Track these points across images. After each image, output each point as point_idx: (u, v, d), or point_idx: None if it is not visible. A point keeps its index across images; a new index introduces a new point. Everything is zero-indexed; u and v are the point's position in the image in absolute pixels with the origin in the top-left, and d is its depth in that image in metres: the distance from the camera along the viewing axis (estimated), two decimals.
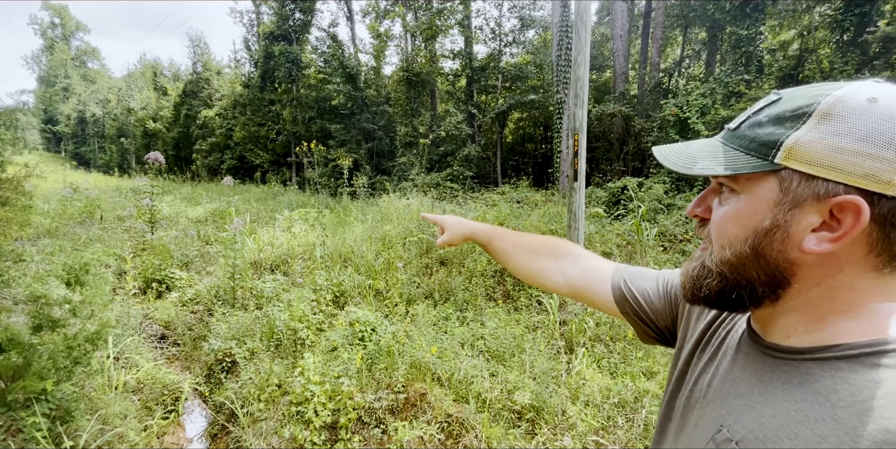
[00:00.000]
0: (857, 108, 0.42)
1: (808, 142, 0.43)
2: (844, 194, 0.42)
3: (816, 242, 0.44)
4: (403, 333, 3.33)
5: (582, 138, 5.23)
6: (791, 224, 0.45)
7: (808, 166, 0.43)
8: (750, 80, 9.78)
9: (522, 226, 5.58)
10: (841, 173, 0.42)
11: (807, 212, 0.44)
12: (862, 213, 0.41)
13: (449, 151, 14.26)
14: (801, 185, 0.44)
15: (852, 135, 0.41)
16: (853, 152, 0.41)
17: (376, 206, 7.69)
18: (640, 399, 2.69)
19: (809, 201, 0.44)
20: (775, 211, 0.46)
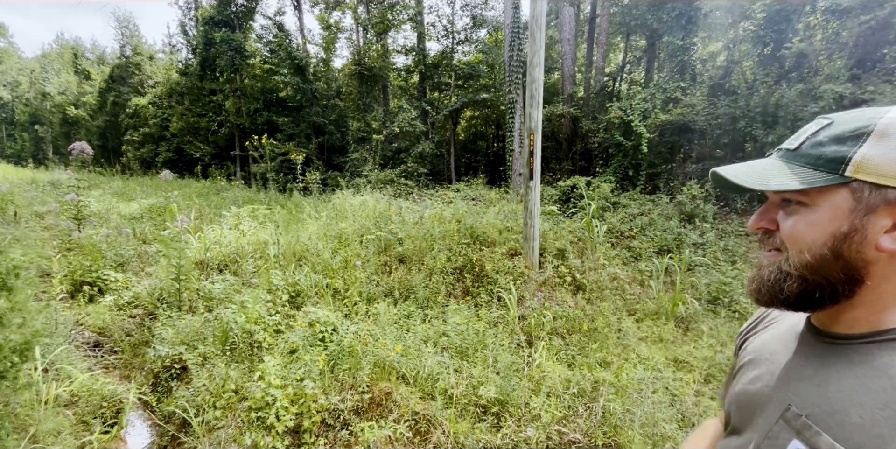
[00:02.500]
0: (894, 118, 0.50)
1: (873, 156, 0.50)
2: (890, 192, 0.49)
3: (891, 241, 0.50)
4: (367, 332, 3.28)
5: (537, 138, 5.39)
6: (867, 227, 0.51)
7: (876, 177, 0.50)
8: (685, 88, 10.50)
9: (480, 223, 5.66)
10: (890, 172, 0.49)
11: (879, 216, 0.51)
12: None
13: (403, 148, 14.15)
14: (872, 193, 0.51)
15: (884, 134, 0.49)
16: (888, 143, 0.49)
17: (330, 202, 7.49)
18: (598, 388, 2.83)
19: (882, 207, 0.50)
20: (851, 217, 0.52)
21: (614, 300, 4.43)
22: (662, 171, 9.75)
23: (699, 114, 9.06)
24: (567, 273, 4.74)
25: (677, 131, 9.68)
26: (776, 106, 7.83)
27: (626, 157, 9.95)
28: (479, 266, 4.80)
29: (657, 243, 6.17)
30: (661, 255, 5.72)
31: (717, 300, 4.62)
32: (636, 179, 9.62)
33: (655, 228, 6.71)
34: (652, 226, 6.78)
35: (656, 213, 7.26)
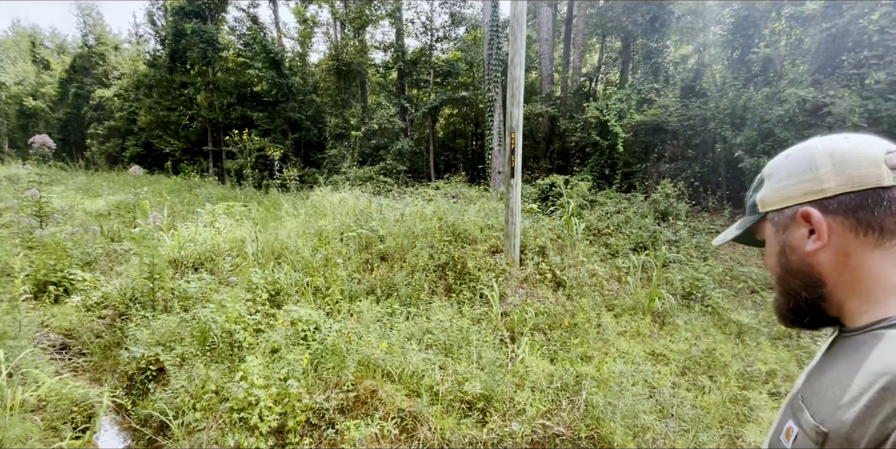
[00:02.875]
0: (780, 163, 0.68)
1: (768, 193, 0.69)
2: (798, 207, 0.63)
3: (811, 243, 0.62)
4: (351, 330, 3.26)
5: (518, 136, 5.44)
6: (790, 240, 0.65)
7: (773, 205, 0.67)
8: (659, 89, 10.78)
9: (461, 221, 5.68)
10: (791, 199, 0.65)
11: (794, 229, 0.64)
12: (812, 214, 0.61)
13: (381, 145, 14.03)
14: (779, 216, 0.67)
15: (783, 177, 0.66)
16: (788, 186, 0.65)
17: (308, 199, 7.37)
18: (580, 382, 2.90)
19: (790, 222, 0.65)
20: (778, 238, 0.68)
21: (593, 296, 4.53)
22: (637, 170, 10.00)
23: (672, 115, 9.32)
24: (547, 270, 4.81)
25: (651, 131, 9.94)
26: (744, 108, 8.13)
27: (603, 157, 10.15)
28: (462, 263, 4.82)
29: (633, 241, 6.33)
30: (638, 252, 5.88)
31: (691, 295, 4.78)
32: (612, 178, 9.83)
33: (631, 225, 6.88)
34: (628, 224, 6.95)
35: (632, 212, 7.44)
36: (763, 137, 7.75)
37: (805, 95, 7.17)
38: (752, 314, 4.39)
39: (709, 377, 3.25)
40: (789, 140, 7.35)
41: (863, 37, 7.58)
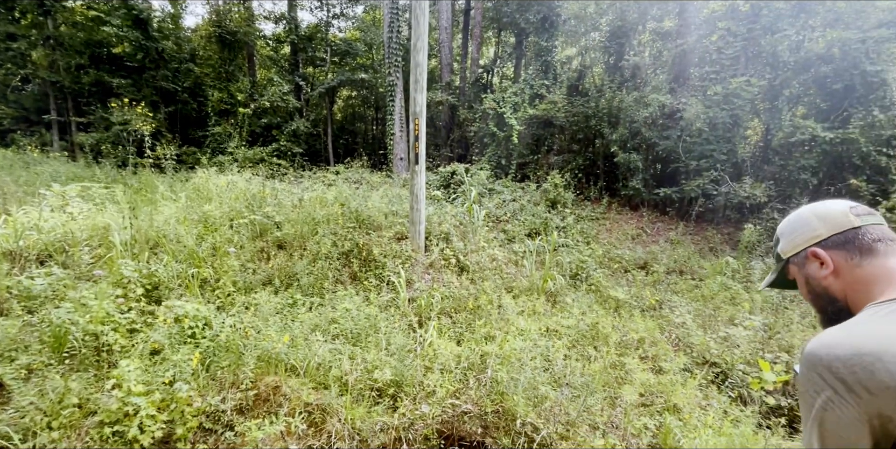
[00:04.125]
0: (785, 226, 1.01)
1: (785, 246, 1.00)
2: (808, 249, 0.93)
3: (823, 270, 0.91)
4: (247, 324, 3.00)
5: (422, 123, 5.45)
6: (809, 272, 0.94)
7: (792, 252, 0.98)
8: (549, 86, 11.59)
9: (365, 207, 5.55)
10: (801, 246, 0.95)
11: (808, 264, 0.94)
12: (818, 252, 0.91)
13: (274, 124, 13.01)
14: (797, 258, 0.97)
15: (791, 233, 0.98)
16: (797, 237, 0.96)
17: (189, 181, 6.56)
18: (485, 360, 3.05)
19: (804, 261, 0.95)
20: (801, 273, 0.97)
21: (494, 279, 4.77)
22: (530, 161, 10.70)
23: (560, 110, 10.11)
24: (452, 255, 4.94)
25: (542, 125, 10.68)
26: (618, 109, 9.14)
27: (500, 147, 10.66)
28: (367, 250, 4.72)
29: (528, 227, 6.80)
30: (532, 237, 6.33)
31: (578, 276, 5.30)
32: (508, 168, 10.39)
33: (526, 213, 7.37)
34: (523, 211, 7.44)
35: (526, 200, 7.97)
36: (633, 136, 8.81)
37: (664, 101, 8.28)
38: (626, 290, 5.03)
39: (594, 348, 3.66)
40: (652, 139, 8.47)
41: (705, 54, 8.97)
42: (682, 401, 2.97)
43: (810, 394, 0.72)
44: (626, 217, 8.40)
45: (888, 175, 6.24)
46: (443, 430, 2.61)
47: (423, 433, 2.53)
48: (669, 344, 3.95)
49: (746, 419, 2.87)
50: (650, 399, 3.07)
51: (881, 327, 0.72)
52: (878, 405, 0.64)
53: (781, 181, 7.34)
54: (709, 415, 2.87)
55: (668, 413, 2.81)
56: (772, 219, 7.13)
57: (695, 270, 6.18)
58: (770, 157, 7.73)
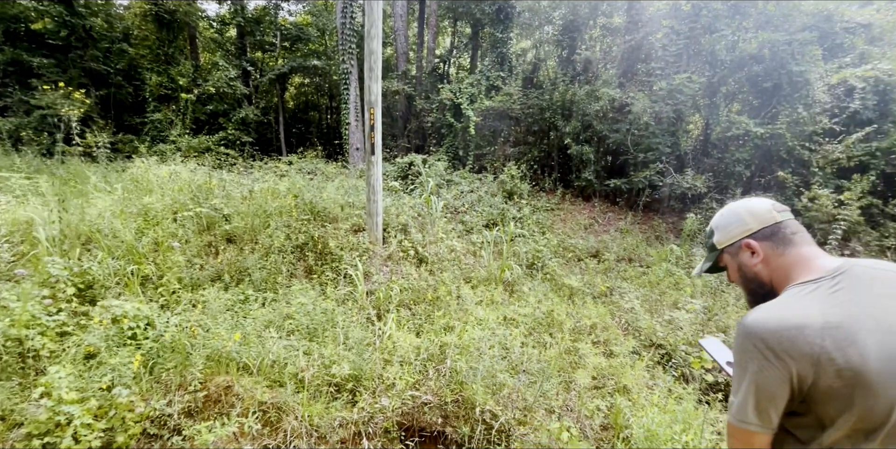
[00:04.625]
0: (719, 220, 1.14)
1: (720, 238, 1.12)
2: (742, 240, 1.07)
3: (755, 259, 1.06)
4: (196, 323, 2.85)
5: (377, 112, 5.34)
6: (742, 260, 1.09)
7: (727, 243, 1.11)
8: (505, 78, 11.68)
9: (320, 198, 5.38)
10: (735, 237, 1.09)
11: (741, 254, 1.08)
12: (751, 242, 1.05)
13: (221, 111, 12.33)
14: (731, 248, 1.10)
15: (725, 227, 1.11)
16: (731, 230, 1.09)
17: (126, 172, 6.11)
18: (444, 351, 3.06)
19: (738, 251, 1.09)
20: (733, 261, 1.12)
21: (453, 270, 4.80)
22: (487, 152, 10.79)
23: (515, 102, 10.23)
24: (410, 247, 4.91)
25: (498, 117, 10.77)
26: (571, 102, 9.37)
27: (457, 138, 10.67)
28: (323, 243, 4.60)
29: (485, 218, 6.87)
30: (490, 227, 6.41)
31: (534, 265, 5.43)
32: (466, 159, 10.43)
33: (483, 203, 7.44)
34: (480, 202, 7.50)
35: (483, 191, 8.04)
36: (585, 128, 9.07)
37: (614, 95, 8.57)
38: (579, 278, 5.21)
39: (549, 335, 3.77)
40: (603, 132, 8.77)
41: (651, 51, 9.35)
42: (631, 382, 3.13)
43: (746, 359, 0.88)
44: (580, 207, 8.68)
45: (810, 168, 6.81)
46: (403, 422, 2.62)
47: (384, 426, 2.52)
48: (619, 329, 4.14)
49: (688, 396, 3.06)
50: (602, 382, 3.21)
51: (801, 304, 0.88)
52: (798, 368, 0.82)
53: (719, 173, 7.83)
54: (655, 394, 3.04)
55: (619, 394, 2.96)
56: (711, 209, 7.60)
57: (642, 258, 6.50)
58: (709, 151, 8.22)
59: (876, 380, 0.78)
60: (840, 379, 0.79)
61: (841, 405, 0.81)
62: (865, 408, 0.79)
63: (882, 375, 0.78)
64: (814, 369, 0.80)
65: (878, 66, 6.41)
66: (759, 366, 0.85)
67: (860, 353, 0.79)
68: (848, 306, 0.84)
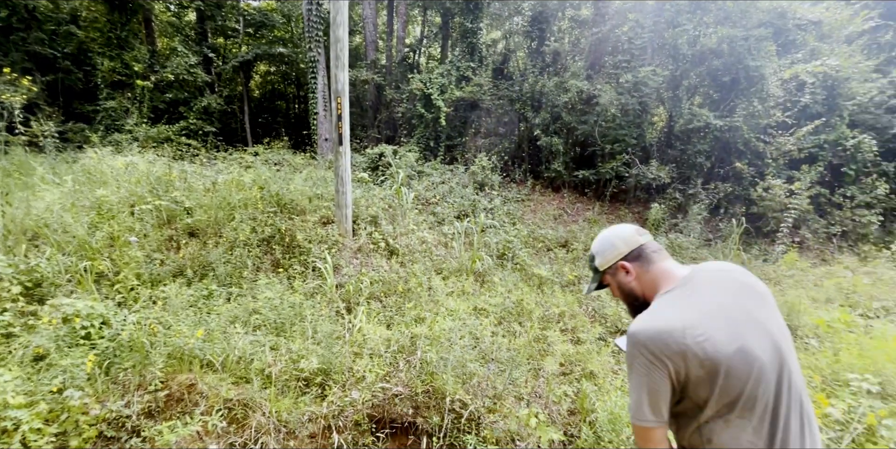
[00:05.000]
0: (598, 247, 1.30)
1: (601, 262, 1.28)
2: (617, 262, 1.24)
3: (630, 277, 1.23)
4: (156, 320, 2.74)
5: (344, 101, 5.24)
6: (619, 279, 1.26)
7: (606, 265, 1.27)
8: (475, 68, 11.63)
9: (287, 190, 5.25)
10: (612, 261, 1.26)
11: (619, 274, 1.25)
12: (625, 264, 1.23)
13: (181, 100, 11.80)
14: (610, 270, 1.27)
15: (603, 252, 1.28)
16: (608, 255, 1.26)
17: (78, 163, 5.77)
18: (415, 342, 3.07)
19: (616, 271, 1.26)
20: (613, 280, 1.29)
21: (424, 262, 4.80)
22: (458, 143, 10.76)
23: (486, 93, 10.22)
24: (380, 239, 4.87)
25: (469, 108, 10.75)
26: (540, 93, 9.44)
27: (428, 129, 10.58)
28: (290, 236, 4.50)
29: (457, 209, 6.88)
30: (461, 219, 6.42)
31: (504, 255, 5.49)
32: (437, 150, 10.38)
33: (454, 195, 7.44)
34: (452, 193, 7.50)
35: (455, 182, 8.04)
36: (554, 120, 9.18)
37: (582, 87, 8.69)
38: (548, 268, 5.31)
39: (519, 323, 3.84)
40: (572, 123, 8.90)
41: (618, 43, 9.51)
42: (597, 367, 3.22)
43: (635, 364, 1.04)
44: (549, 198, 8.81)
45: (764, 159, 7.13)
46: (374, 414, 2.61)
47: (354, 419, 2.51)
48: (587, 316, 4.26)
49: None
50: (569, 368, 3.30)
51: (666, 312, 1.06)
52: (673, 365, 0.99)
53: (682, 164, 8.10)
54: (619, 378, 3.15)
55: (585, 380, 3.05)
56: (674, 198, 7.87)
57: None
58: (673, 142, 8.47)
59: (728, 365, 0.97)
60: (702, 368, 0.97)
61: (707, 389, 0.98)
62: (724, 388, 0.97)
63: (732, 361, 0.97)
64: (684, 364, 0.98)
65: (827, 62, 6.74)
66: (646, 368, 1.01)
67: (713, 345, 0.97)
68: (698, 308, 1.04)
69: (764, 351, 0.99)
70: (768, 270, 5.78)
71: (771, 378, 0.98)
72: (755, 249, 6.64)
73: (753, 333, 1.00)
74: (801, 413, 1.01)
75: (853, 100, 6.97)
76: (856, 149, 6.58)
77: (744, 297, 1.07)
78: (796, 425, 0.99)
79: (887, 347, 2.57)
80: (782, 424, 0.98)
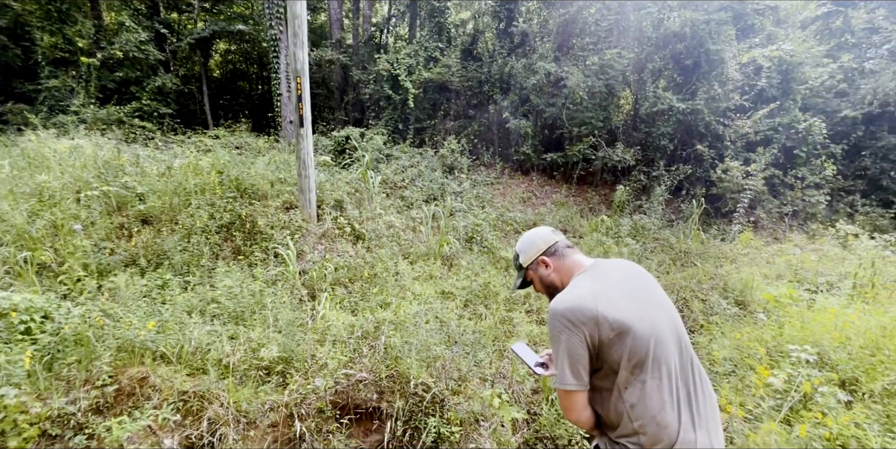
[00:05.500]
0: (521, 246, 1.46)
1: (524, 259, 1.44)
2: (538, 258, 1.40)
3: (550, 270, 1.40)
4: (105, 312, 2.61)
5: (304, 81, 5.06)
6: (541, 272, 1.41)
7: (529, 262, 1.43)
8: (443, 49, 11.40)
9: (247, 174, 5.06)
10: (533, 257, 1.41)
11: (540, 268, 1.41)
12: (544, 259, 1.39)
13: (133, 79, 11.11)
14: (532, 265, 1.43)
15: (525, 250, 1.44)
16: (530, 252, 1.42)
17: (16, 146, 5.38)
18: (380, 327, 3.05)
19: (537, 266, 1.42)
20: (535, 274, 1.43)
21: (391, 246, 4.75)
22: (427, 126, 10.61)
23: (454, 75, 10.06)
24: (346, 224, 4.78)
25: (438, 90, 10.57)
26: (509, 75, 9.36)
27: (396, 111, 10.37)
28: (251, 222, 4.36)
29: (426, 193, 6.82)
30: (430, 202, 6.37)
31: (473, 239, 5.50)
32: (406, 133, 10.21)
33: (423, 178, 7.37)
34: (421, 177, 7.42)
35: (424, 165, 7.95)
36: (523, 102, 9.15)
37: (550, 69, 8.66)
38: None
39: (485, 306, 3.87)
40: (540, 106, 8.89)
41: (585, 25, 9.49)
42: None
43: (556, 333, 1.17)
44: (518, 181, 8.85)
45: (723, 142, 7.35)
46: (337, 400, 2.60)
47: (317, 407, 2.49)
48: None
49: None
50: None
51: (578, 288, 1.23)
52: (587, 330, 1.13)
53: (647, 147, 8.25)
54: None
55: None
56: (639, 180, 8.05)
57: (576, 229, 6.80)
58: (638, 125, 8.61)
59: (633, 327, 1.12)
60: (612, 330, 1.11)
61: (618, 350, 1.12)
62: (633, 349, 1.11)
63: (637, 323, 1.12)
64: (597, 328, 1.12)
65: (783, 47, 6.94)
66: (566, 336, 1.15)
67: (621, 311, 1.13)
68: (604, 283, 1.23)
69: (661, 320, 1.17)
70: (725, 248, 6.02)
71: (670, 342, 1.15)
72: (714, 229, 6.90)
73: (651, 304, 1.20)
74: (701, 378, 1.19)
75: (805, 84, 7.23)
76: (807, 131, 6.86)
77: (641, 279, 1.29)
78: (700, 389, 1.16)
79: (825, 320, 2.73)
80: (691, 384, 1.15)
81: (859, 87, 7.52)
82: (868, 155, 7.42)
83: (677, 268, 5.31)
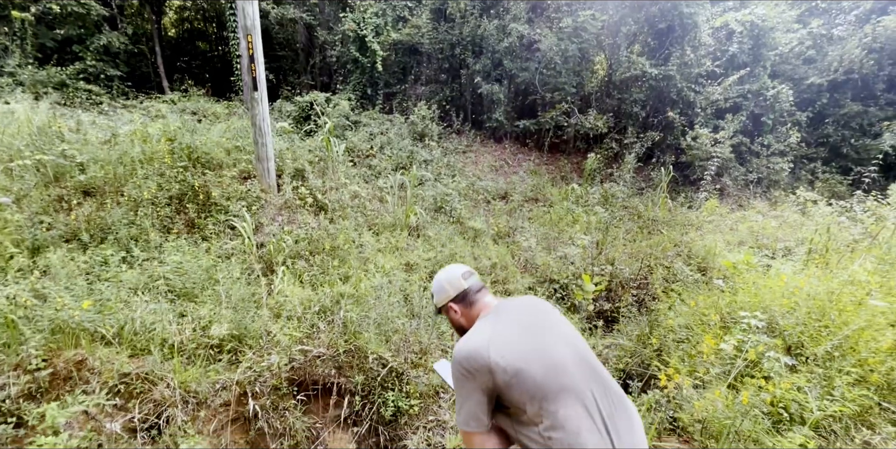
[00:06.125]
0: (435, 288, 1.47)
1: (437, 301, 1.47)
2: (447, 304, 1.43)
3: (457, 315, 1.42)
4: (34, 292, 2.43)
5: (256, 39, 4.72)
6: (451, 316, 1.44)
7: (441, 304, 1.46)
8: (412, 8, 10.79)
9: (201, 142, 4.75)
10: (444, 301, 1.44)
11: (450, 312, 1.43)
12: (452, 305, 1.42)
13: (74, 37, 10.19)
14: (444, 309, 1.45)
15: (437, 294, 1.46)
16: (441, 297, 1.44)
17: None
18: (339, 302, 2.97)
19: (448, 310, 1.44)
20: (448, 316, 1.46)
21: (356, 217, 4.61)
22: (398, 91, 10.20)
23: (425, 36, 9.59)
24: (308, 194, 4.59)
25: (408, 52, 10.10)
26: (481, 38, 8.98)
27: (364, 75, 9.89)
28: (205, 193, 4.13)
29: (395, 161, 6.62)
30: (398, 171, 6.19)
31: (441, 209, 5.40)
32: (374, 98, 9.80)
33: (393, 146, 7.13)
34: (390, 145, 7.18)
35: (393, 133, 7.68)
36: (495, 66, 8.84)
37: (523, 31, 8.33)
38: (483, 220, 5.30)
39: None
40: (513, 70, 8.61)
41: None
42: None
43: (455, 378, 1.22)
44: (491, 149, 8.69)
45: (694, 109, 7.33)
46: (294, 377, 2.54)
47: (272, 384, 2.43)
48: (518, 267, 4.33)
49: (577, 324, 3.33)
50: None
51: (477, 334, 1.24)
52: (482, 378, 1.16)
53: (620, 114, 8.17)
54: None
55: None
56: (611, 148, 8.01)
57: (547, 197, 6.77)
58: (611, 92, 8.48)
59: (530, 365, 1.14)
60: (507, 374, 1.13)
61: (518, 390, 1.13)
62: (534, 385, 1.12)
63: (533, 361, 1.15)
64: (491, 376, 1.15)
65: (755, 11, 6.81)
66: (463, 382, 1.19)
67: (513, 352, 1.16)
68: (503, 326, 1.25)
69: (560, 350, 1.19)
70: (691, 216, 6.12)
71: (574, 370, 1.16)
72: (682, 197, 6.99)
73: (549, 336, 1.23)
74: (617, 395, 1.19)
75: (775, 50, 7.18)
76: (775, 99, 6.89)
77: (539, 314, 1.32)
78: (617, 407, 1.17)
79: (776, 286, 2.80)
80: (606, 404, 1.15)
81: (826, 54, 7.53)
82: (831, 122, 7.54)
83: (644, 236, 5.37)
